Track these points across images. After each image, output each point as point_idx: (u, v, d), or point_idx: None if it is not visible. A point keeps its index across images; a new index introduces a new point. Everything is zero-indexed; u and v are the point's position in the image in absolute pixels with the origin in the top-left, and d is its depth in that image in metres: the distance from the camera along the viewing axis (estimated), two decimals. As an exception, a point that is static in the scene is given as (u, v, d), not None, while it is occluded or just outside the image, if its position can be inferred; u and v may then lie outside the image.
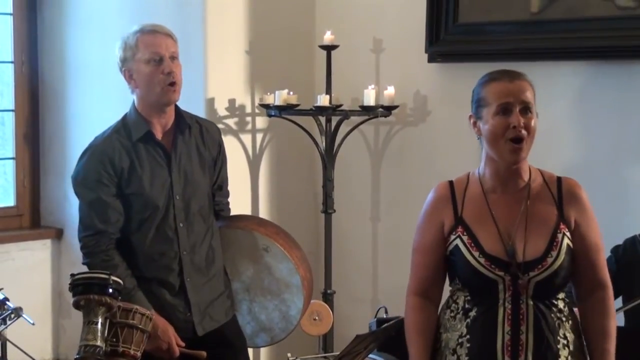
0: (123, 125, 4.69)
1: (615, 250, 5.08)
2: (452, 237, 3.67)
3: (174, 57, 4.63)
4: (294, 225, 5.61)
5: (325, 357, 5.06)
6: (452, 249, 3.67)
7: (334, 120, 6.81)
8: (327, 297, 6.69)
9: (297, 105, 6.75)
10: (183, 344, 4.54)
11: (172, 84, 4.57)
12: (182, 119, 4.76)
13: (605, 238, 3.88)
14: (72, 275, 4.10)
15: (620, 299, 4.82)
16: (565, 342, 3.61)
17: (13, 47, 7.49)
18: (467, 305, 3.66)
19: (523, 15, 6.30)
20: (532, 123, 3.57)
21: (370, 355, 4.74)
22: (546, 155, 3.78)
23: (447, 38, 6.64)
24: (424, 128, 6.89)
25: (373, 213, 7.19)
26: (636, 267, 4.95)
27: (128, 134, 4.65)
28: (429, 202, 3.78)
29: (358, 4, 7.12)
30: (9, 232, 7.30)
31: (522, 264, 3.56)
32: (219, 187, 4.95)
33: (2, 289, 4.43)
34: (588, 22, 6.05)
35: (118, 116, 4.78)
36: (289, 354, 5.07)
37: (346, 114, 6.76)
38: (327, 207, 6.90)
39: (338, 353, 4.59)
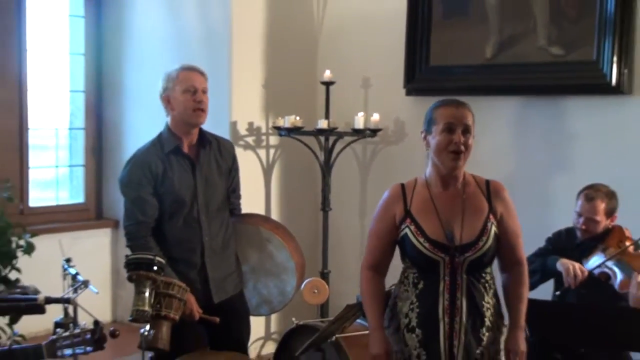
0: (158, 141, 4.73)
1: (551, 238, 5.04)
2: (402, 226, 3.71)
3: (204, 91, 4.69)
4: (299, 220, 5.62)
5: (322, 321, 5.04)
6: (402, 235, 3.71)
7: (331, 139, 6.83)
8: (324, 275, 6.76)
9: (302, 127, 6.75)
10: (201, 311, 4.53)
11: (201, 110, 4.63)
12: (204, 136, 4.80)
13: (534, 230, 3.95)
14: (126, 256, 4.19)
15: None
16: (488, 305, 3.67)
17: (85, 83, 7.44)
18: (415, 280, 3.70)
19: (479, 60, 6.34)
20: (470, 141, 3.64)
21: (358, 321, 4.75)
22: (490, 166, 3.83)
23: (420, 77, 6.68)
24: (402, 147, 6.92)
25: (360, 211, 7.21)
26: (568, 251, 4.89)
27: (162, 147, 4.69)
28: (384, 199, 3.85)
29: (351, 50, 7.13)
30: (79, 223, 7.42)
31: (458, 247, 3.61)
32: (233, 190, 4.95)
33: (74, 265, 4.37)
34: (528, 66, 6.10)
35: (155, 133, 4.79)
36: (293, 319, 5.05)
37: (340, 135, 6.81)
38: (325, 206, 6.93)
39: (332, 318, 4.51)
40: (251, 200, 5.14)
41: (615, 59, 5.63)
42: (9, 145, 6.93)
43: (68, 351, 3.65)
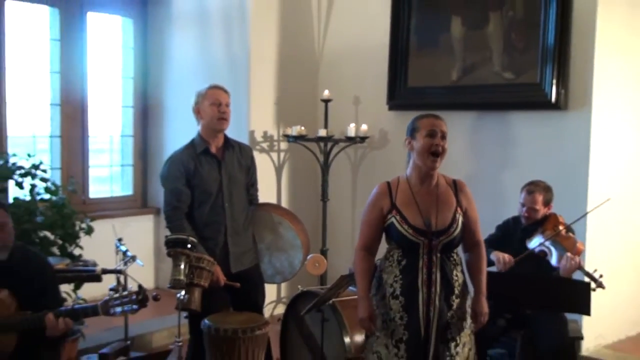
0: (191, 144, 4.73)
1: (501, 226, 5.04)
2: (389, 216, 3.67)
3: (227, 104, 4.69)
4: (303, 209, 5.63)
5: (321, 288, 5.02)
6: (389, 223, 3.68)
7: (329, 144, 6.83)
8: (323, 252, 6.76)
9: (306, 135, 6.78)
10: (225, 278, 4.53)
11: (224, 119, 4.64)
12: (228, 141, 4.81)
13: (488, 218, 3.94)
14: (166, 236, 4.28)
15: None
16: (457, 278, 3.68)
17: (133, 100, 7.45)
18: (399, 258, 3.67)
19: (446, 83, 6.34)
20: (446, 145, 3.64)
21: (350, 288, 4.71)
22: (454, 167, 3.83)
23: (400, 96, 6.67)
24: (385, 151, 6.91)
25: (352, 202, 7.19)
26: (515, 235, 4.93)
27: (194, 149, 4.69)
28: (373, 194, 3.79)
29: (344, 74, 7.12)
30: (128, 210, 7.42)
31: (434, 232, 3.60)
32: (252, 184, 4.93)
33: (124, 244, 4.42)
34: (485, 87, 6.11)
35: (188, 140, 4.79)
36: (299, 286, 5.04)
37: (336, 141, 6.81)
38: (324, 197, 6.94)
39: (329, 286, 4.54)
40: (266, 193, 5.16)
41: (554, 81, 5.63)
42: (73, 149, 6.94)
43: (118, 309, 3.66)
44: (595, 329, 5.69)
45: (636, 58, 5.97)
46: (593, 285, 4.54)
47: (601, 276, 4.56)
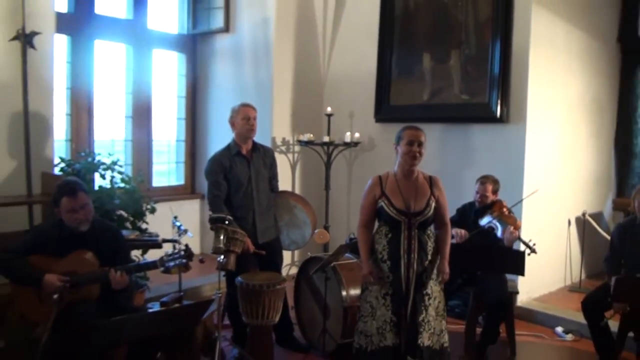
0: (227, 147, 4.72)
1: (459, 209, 5.03)
2: (380, 201, 3.68)
3: (254, 118, 4.68)
4: (312, 196, 5.66)
5: (325, 254, 5.02)
6: (380, 207, 3.69)
7: (331, 148, 6.83)
8: (326, 228, 6.76)
9: (314, 141, 6.78)
10: (253, 247, 4.53)
11: (252, 129, 4.66)
12: (256, 145, 4.79)
13: (451, 204, 3.94)
14: (209, 216, 4.25)
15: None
16: (430, 248, 3.69)
17: (185, 113, 7.44)
18: (386, 232, 3.69)
19: (419, 102, 6.35)
20: (422, 150, 3.66)
21: (347, 254, 4.76)
22: (426, 166, 3.79)
23: (384, 111, 6.66)
24: (372, 153, 6.90)
25: (347, 191, 7.18)
26: (466, 220, 4.92)
27: (229, 151, 4.69)
28: (369, 185, 3.77)
29: (342, 94, 7.10)
30: (181, 195, 7.38)
31: (413, 213, 3.63)
32: (273, 177, 4.89)
33: (179, 220, 4.46)
34: (448, 105, 6.13)
35: (225, 144, 4.78)
36: (309, 253, 5.09)
37: (336, 145, 6.81)
38: (327, 187, 6.94)
39: (331, 253, 4.58)
40: (284, 184, 5.17)
41: (499, 102, 5.66)
42: (141, 150, 6.96)
43: (171, 263, 3.68)
44: (527, 286, 5.71)
45: (557, 84, 6.01)
46: (528, 251, 4.58)
47: (534, 244, 4.60)
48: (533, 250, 4.60)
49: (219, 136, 6.84)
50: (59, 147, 5.76)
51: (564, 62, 6.07)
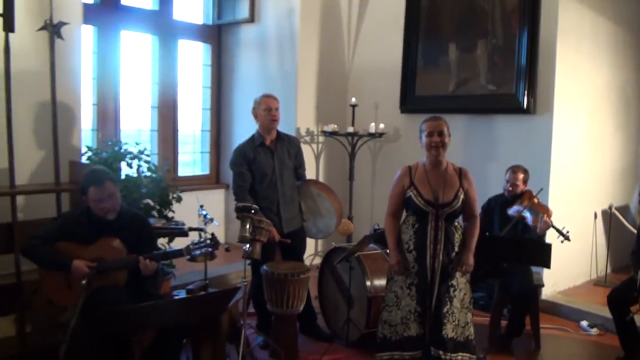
0: (251, 138, 4.73)
1: (484, 206, 4.96)
2: (409, 191, 3.66)
3: (277, 109, 4.67)
4: (336, 186, 5.59)
5: (349, 245, 4.99)
6: (408, 196, 3.67)
7: (355, 139, 6.81)
8: (350, 218, 6.75)
9: (338, 131, 6.77)
10: (279, 236, 4.56)
11: (274, 120, 4.65)
12: (279, 135, 4.79)
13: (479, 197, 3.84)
14: (235, 205, 4.26)
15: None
16: (456, 239, 3.67)
17: (210, 103, 7.45)
18: (413, 223, 3.68)
19: (445, 93, 6.30)
20: (445, 140, 3.63)
21: (370, 245, 4.74)
22: (451, 159, 3.73)
23: (409, 102, 6.63)
24: (396, 144, 6.88)
25: (371, 181, 7.16)
26: (493, 212, 4.89)
27: (254, 142, 4.70)
28: (398, 175, 3.75)
29: (367, 86, 7.08)
30: (206, 185, 7.41)
31: (441, 204, 3.61)
32: (299, 166, 4.88)
33: (205, 209, 4.45)
34: (474, 96, 6.07)
35: (249, 135, 4.80)
36: (333, 243, 5.07)
37: (360, 136, 6.78)
38: (351, 178, 6.93)
39: (355, 243, 4.56)
40: (308, 173, 5.13)
41: (525, 92, 5.61)
42: (167, 140, 6.99)
43: (197, 251, 3.69)
44: (552, 279, 5.67)
45: (584, 75, 5.95)
46: (561, 238, 4.54)
47: (568, 232, 4.56)
48: (567, 238, 4.56)
49: (244, 126, 6.85)
50: (86, 136, 5.80)
51: (590, 52, 6.00)
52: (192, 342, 4.30)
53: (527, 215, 4.64)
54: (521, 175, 4.82)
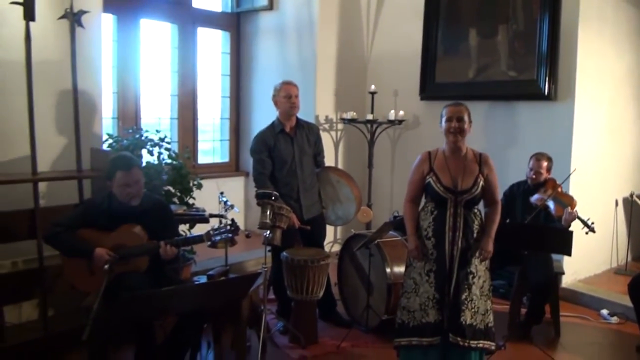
0: (271, 125, 4.73)
1: (506, 192, 4.93)
2: (428, 177, 3.63)
3: (296, 96, 4.67)
4: (354, 174, 5.56)
5: (369, 232, 5.00)
6: (427, 182, 3.64)
7: (374, 126, 6.78)
8: (369, 206, 6.72)
9: (357, 119, 6.74)
10: (299, 222, 4.57)
11: (294, 107, 4.64)
12: (299, 122, 4.78)
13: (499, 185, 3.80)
14: (256, 191, 4.30)
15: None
16: (476, 225, 3.63)
17: (229, 91, 7.45)
18: (432, 209, 3.65)
19: (465, 79, 6.25)
20: (464, 127, 3.59)
21: (390, 232, 4.73)
22: (474, 143, 3.69)
23: (429, 89, 6.58)
24: (416, 131, 6.83)
25: (390, 169, 7.14)
26: (515, 199, 4.86)
27: (273, 129, 4.70)
28: (417, 161, 3.71)
29: (387, 73, 7.04)
30: (226, 172, 7.45)
31: (460, 191, 3.56)
32: (319, 153, 4.88)
33: (225, 196, 4.46)
34: (494, 83, 6.01)
35: (269, 122, 4.80)
36: (352, 230, 5.04)
37: (380, 124, 6.75)
38: (370, 165, 6.90)
39: (375, 230, 4.55)
40: (327, 161, 5.12)
41: (547, 78, 5.55)
42: (187, 128, 7.01)
43: (217, 237, 3.69)
44: (572, 267, 5.63)
45: (605, 61, 5.86)
46: (586, 229, 4.49)
47: (593, 223, 4.51)
48: (592, 229, 4.50)
49: (263, 114, 6.85)
50: (106, 124, 5.83)
51: (612, 37, 5.91)
52: (213, 327, 4.34)
53: (551, 204, 4.59)
54: (545, 163, 4.77)
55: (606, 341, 4.82)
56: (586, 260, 5.87)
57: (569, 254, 4.32)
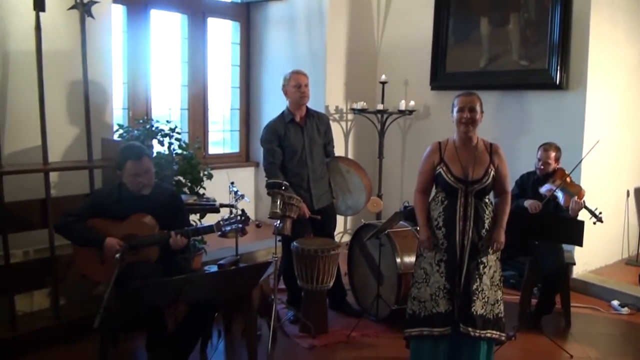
0: (282, 115, 4.72)
1: (518, 182, 4.90)
2: (438, 168, 3.60)
3: (306, 85, 4.66)
4: (364, 164, 5.54)
5: (379, 221, 4.98)
6: (438, 173, 3.62)
7: (384, 116, 6.75)
8: (379, 196, 6.69)
9: (367, 109, 6.71)
10: (309, 212, 4.56)
11: (304, 96, 4.63)
12: (309, 112, 4.77)
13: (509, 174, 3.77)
14: (266, 181, 4.32)
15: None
16: (487, 216, 3.59)
17: (239, 82, 7.44)
18: (443, 199, 3.62)
19: (476, 69, 6.21)
20: (476, 117, 3.56)
21: (400, 222, 4.71)
22: (482, 135, 3.66)
23: (440, 79, 6.55)
24: (427, 121, 6.80)
25: (401, 159, 7.12)
26: (525, 190, 4.83)
27: (284, 119, 4.69)
28: (427, 151, 3.69)
29: (397, 62, 7.01)
30: (236, 163, 7.43)
31: (470, 181, 3.54)
32: (328, 143, 4.88)
33: (235, 186, 4.45)
34: (505, 72, 5.97)
35: (279, 112, 4.79)
36: (362, 220, 5.04)
37: (390, 114, 6.71)
38: (380, 155, 6.88)
39: (385, 220, 4.52)
40: (337, 151, 5.12)
41: (558, 68, 5.51)
42: (197, 118, 7.01)
43: (228, 227, 3.71)
44: (583, 258, 5.60)
45: (618, 49, 5.80)
46: (594, 220, 4.45)
47: (600, 213, 4.47)
48: (599, 219, 4.46)
49: (274, 104, 6.83)
50: (117, 115, 5.85)
51: (625, 25, 5.85)
52: (224, 316, 4.36)
53: (559, 194, 4.56)
54: (553, 154, 4.74)
55: (617, 332, 4.80)
56: (597, 250, 5.84)
57: (580, 245, 4.29)
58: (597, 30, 5.47)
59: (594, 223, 4.43)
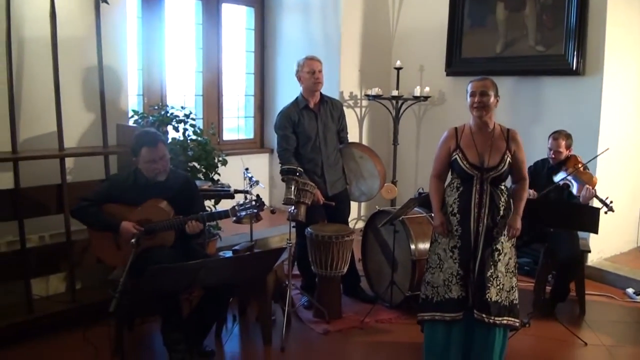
0: (295, 101, 4.71)
1: (531, 167, 4.82)
2: (454, 154, 3.57)
3: (320, 71, 4.64)
4: (379, 151, 5.50)
5: (394, 208, 5.01)
6: (453, 159, 3.58)
7: (399, 102, 6.72)
8: (394, 182, 6.67)
9: (382, 95, 6.69)
10: (323, 199, 4.57)
11: (318, 82, 4.61)
12: (323, 98, 4.76)
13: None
14: (281, 167, 4.35)
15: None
16: (502, 202, 3.56)
17: (254, 68, 7.42)
18: (458, 186, 3.60)
19: (492, 54, 6.14)
20: (488, 102, 3.50)
21: (415, 208, 4.67)
22: (500, 118, 3.63)
23: (455, 64, 6.49)
24: (442, 107, 6.76)
25: (415, 145, 7.09)
26: (539, 174, 4.78)
27: (297, 105, 4.68)
28: (444, 137, 3.65)
29: (412, 48, 6.97)
30: (251, 149, 7.44)
31: (486, 168, 3.50)
32: (342, 129, 4.86)
33: (250, 172, 4.44)
34: (522, 57, 5.90)
35: (293, 98, 4.78)
36: (377, 206, 5.03)
37: (405, 100, 6.68)
38: (395, 142, 6.85)
39: (400, 206, 4.51)
40: (351, 138, 5.10)
41: (575, 53, 5.44)
42: (212, 104, 7.02)
43: (243, 212, 3.71)
44: (598, 245, 5.55)
45: (635, 34, 5.69)
46: (605, 209, 4.39)
47: (611, 202, 4.41)
48: (610, 209, 4.40)
49: (288, 90, 6.81)
50: (132, 102, 5.85)
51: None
52: (239, 301, 4.38)
53: (573, 182, 4.52)
54: (563, 142, 4.69)
55: (631, 320, 4.77)
56: (612, 238, 5.79)
57: (596, 232, 4.24)
58: (614, 15, 5.38)
59: (605, 212, 4.37)
